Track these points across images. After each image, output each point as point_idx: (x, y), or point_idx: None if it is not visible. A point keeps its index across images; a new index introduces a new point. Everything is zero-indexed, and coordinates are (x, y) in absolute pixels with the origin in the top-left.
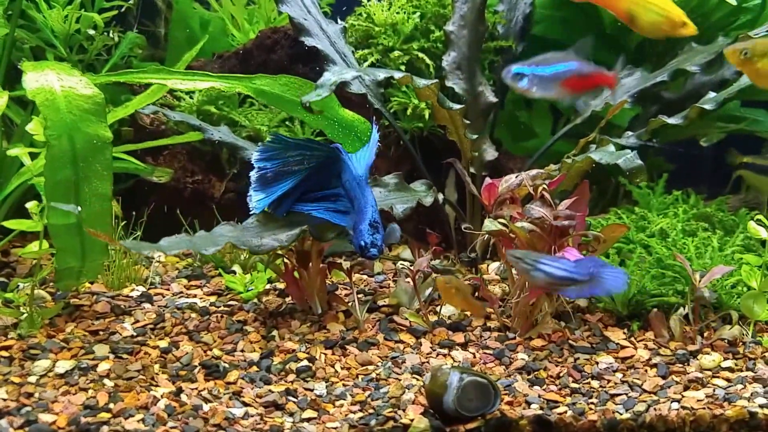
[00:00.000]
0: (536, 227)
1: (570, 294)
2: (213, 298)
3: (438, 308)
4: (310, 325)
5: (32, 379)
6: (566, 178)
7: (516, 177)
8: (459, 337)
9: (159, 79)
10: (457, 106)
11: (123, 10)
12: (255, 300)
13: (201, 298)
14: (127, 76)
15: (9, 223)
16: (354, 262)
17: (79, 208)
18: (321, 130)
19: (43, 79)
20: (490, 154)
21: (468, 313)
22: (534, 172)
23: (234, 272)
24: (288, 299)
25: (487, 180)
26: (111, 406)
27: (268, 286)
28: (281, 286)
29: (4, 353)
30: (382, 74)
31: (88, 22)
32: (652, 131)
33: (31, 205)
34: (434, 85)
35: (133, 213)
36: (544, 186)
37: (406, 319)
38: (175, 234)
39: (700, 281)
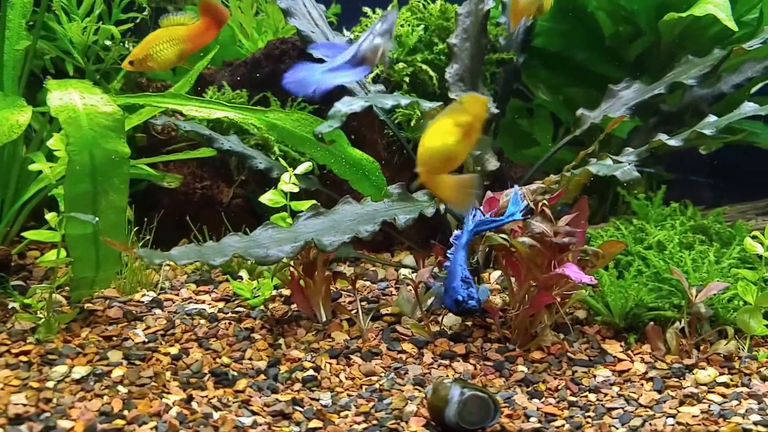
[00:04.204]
0: (537, 242)
1: None
2: (221, 304)
3: (440, 318)
4: (316, 334)
5: (50, 384)
6: (565, 191)
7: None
8: (460, 348)
9: (176, 105)
10: None
11: (138, 21)
12: (262, 307)
13: (210, 304)
14: (147, 99)
15: (29, 234)
16: (355, 271)
17: (97, 219)
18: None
19: (67, 98)
20: (492, 164)
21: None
22: (534, 186)
23: (241, 277)
24: (293, 306)
25: (489, 193)
26: (125, 413)
27: (274, 293)
28: (287, 292)
29: (23, 358)
30: (389, 102)
31: (106, 34)
32: (652, 149)
33: (50, 217)
34: (439, 107)
35: (145, 219)
36: (545, 201)
37: (409, 328)
38: (184, 239)
39: (696, 296)
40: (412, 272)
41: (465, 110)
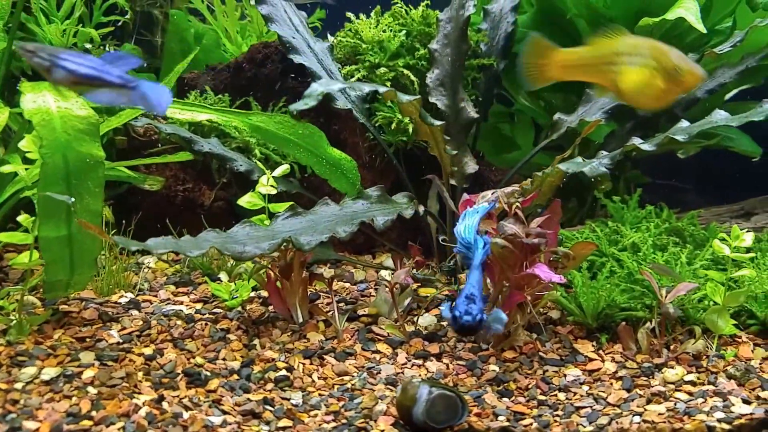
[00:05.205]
0: (509, 243)
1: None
2: (199, 306)
3: (415, 318)
4: (291, 335)
5: (18, 386)
6: (539, 194)
7: (492, 193)
8: (434, 348)
9: None
10: (437, 123)
11: (120, 23)
12: (239, 308)
13: (187, 305)
14: None
15: (1, 236)
16: (335, 272)
17: (73, 199)
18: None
19: (41, 100)
20: (471, 167)
21: (444, 323)
22: (509, 189)
23: (220, 279)
24: (271, 308)
25: (465, 195)
26: (93, 413)
27: (252, 294)
28: (265, 294)
29: None
30: (367, 88)
31: (85, 37)
32: (626, 153)
33: (22, 219)
34: (417, 101)
35: (123, 221)
36: (518, 203)
37: (384, 329)
38: None
39: (666, 297)
40: (392, 273)
41: (681, 80)
